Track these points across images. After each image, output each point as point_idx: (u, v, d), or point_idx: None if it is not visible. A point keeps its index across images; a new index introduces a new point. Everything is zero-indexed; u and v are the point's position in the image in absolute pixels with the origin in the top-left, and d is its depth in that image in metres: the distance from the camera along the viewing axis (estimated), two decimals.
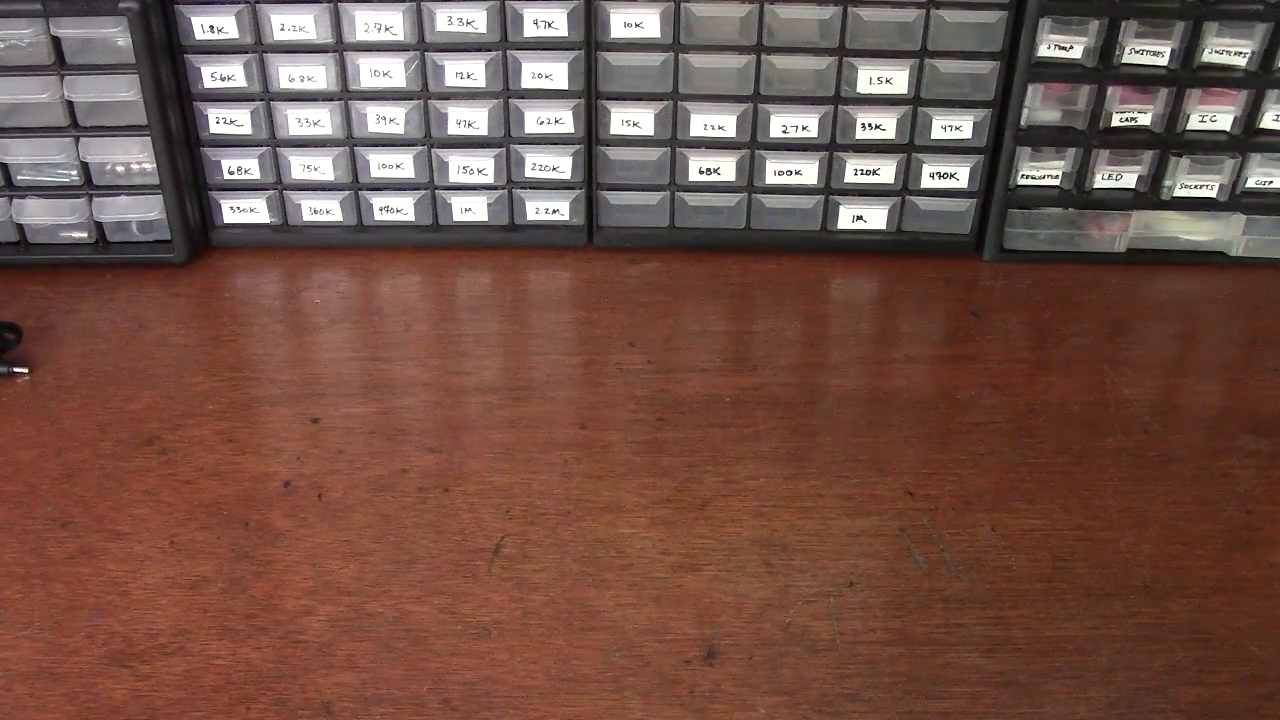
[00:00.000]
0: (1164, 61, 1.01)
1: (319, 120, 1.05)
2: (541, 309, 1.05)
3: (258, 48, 1.03)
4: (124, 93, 1.00)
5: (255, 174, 1.08)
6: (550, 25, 1.01)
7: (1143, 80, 1.02)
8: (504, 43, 1.02)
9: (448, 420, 0.91)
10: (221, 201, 1.09)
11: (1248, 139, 1.04)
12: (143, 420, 0.91)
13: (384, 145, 1.07)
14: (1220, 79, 1.02)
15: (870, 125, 1.05)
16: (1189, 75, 1.02)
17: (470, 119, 1.05)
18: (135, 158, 1.04)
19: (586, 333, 1.01)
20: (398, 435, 0.90)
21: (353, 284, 1.07)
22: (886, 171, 1.07)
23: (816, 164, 1.07)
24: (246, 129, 1.06)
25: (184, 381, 0.95)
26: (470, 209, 1.10)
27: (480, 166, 1.08)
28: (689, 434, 0.90)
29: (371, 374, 0.96)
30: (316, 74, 1.03)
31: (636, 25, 1.01)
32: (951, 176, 1.07)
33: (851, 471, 0.87)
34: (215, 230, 1.10)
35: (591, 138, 1.06)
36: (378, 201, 1.09)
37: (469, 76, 1.03)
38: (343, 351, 0.99)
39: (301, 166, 1.08)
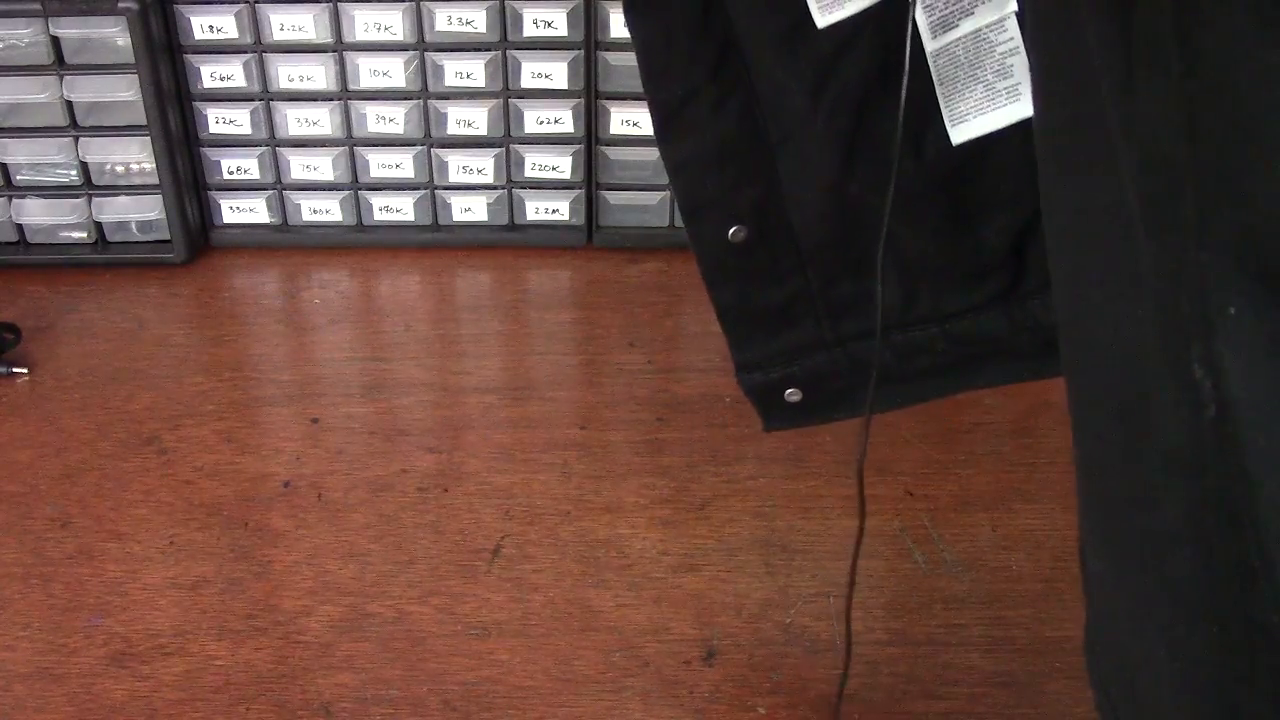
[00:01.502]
0: None
1: (319, 120, 1.05)
2: (541, 309, 1.05)
3: (257, 48, 1.02)
4: (123, 93, 1.00)
5: (255, 174, 1.08)
6: (550, 25, 1.01)
7: None
8: (504, 42, 1.02)
9: (448, 420, 0.91)
10: (221, 201, 1.09)
11: None
12: (142, 420, 0.91)
13: (384, 145, 1.07)
14: None
15: None
16: None
17: (470, 119, 1.05)
18: (135, 158, 1.04)
19: (586, 333, 1.01)
20: (398, 435, 0.90)
21: (353, 284, 1.07)
22: None
23: None
24: (246, 129, 1.06)
25: (183, 381, 0.95)
26: (470, 209, 1.10)
27: (480, 166, 1.07)
28: (689, 434, 0.90)
29: (371, 374, 0.96)
30: (316, 74, 1.03)
31: None
32: None
33: (851, 471, 0.87)
34: (215, 230, 1.10)
35: (591, 137, 1.06)
36: (377, 201, 1.09)
37: (469, 76, 1.03)
38: (343, 351, 0.99)
39: (301, 166, 1.08)
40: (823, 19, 0.54)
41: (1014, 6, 0.52)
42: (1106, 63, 0.34)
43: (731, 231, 0.59)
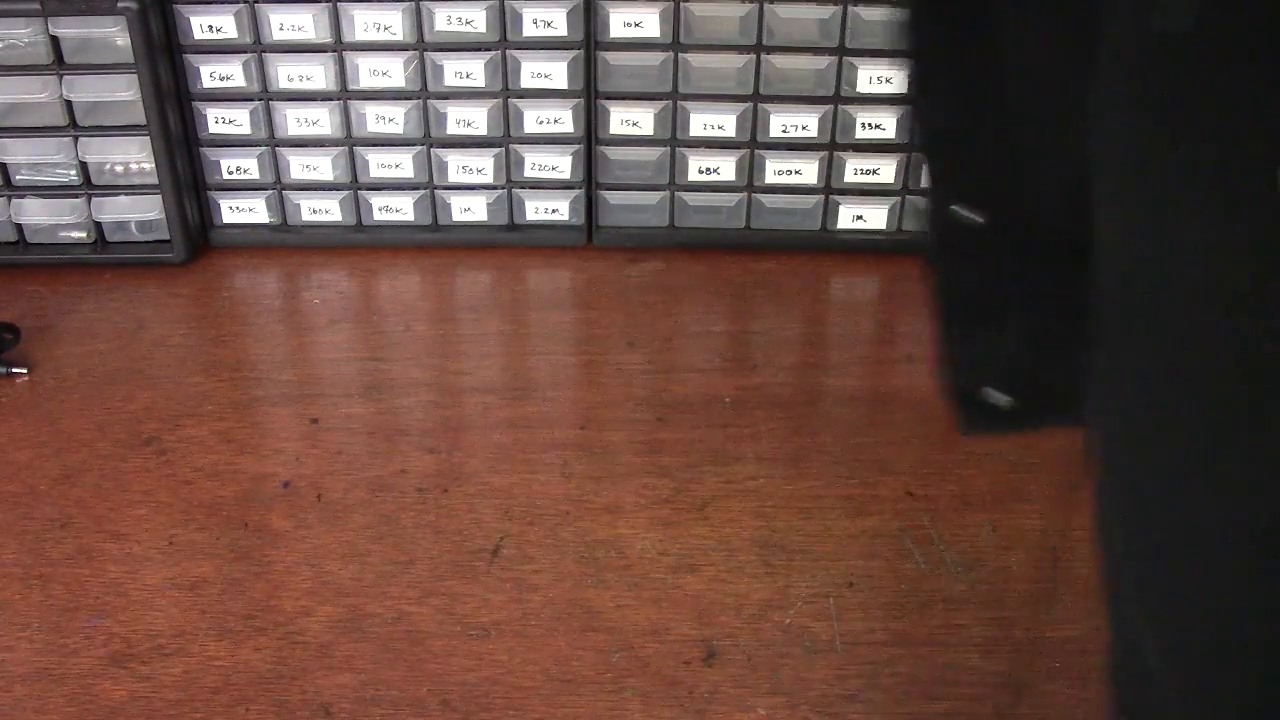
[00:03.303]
0: None
1: (318, 120, 1.05)
2: (541, 309, 1.05)
3: (257, 47, 1.02)
4: (123, 92, 1.00)
5: (254, 174, 1.08)
6: (550, 25, 1.01)
7: None
8: (503, 42, 1.02)
9: (447, 420, 0.91)
10: (221, 201, 1.09)
11: None
12: (141, 420, 0.91)
13: (383, 145, 1.07)
14: None
15: (870, 125, 1.05)
16: None
17: (470, 119, 1.05)
18: (134, 157, 1.04)
19: (586, 333, 1.01)
20: (397, 435, 0.90)
21: (352, 284, 1.07)
22: (886, 171, 1.07)
23: (816, 163, 1.07)
24: (245, 129, 1.06)
25: (183, 381, 0.95)
26: (470, 209, 1.10)
27: (480, 166, 1.07)
28: (689, 434, 0.90)
29: (371, 374, 0.96)
30: (316, 74, 1.03)
31: (636, 25, 1.01)
32: None
33: (851, 472, 0.86)
34: (214, 230, 1.10)
35: (591, 137, 1.06)
36: (377, 201, 1.09)
37: (468, 76, 1.03)
38: (342, 351, 0.99)
39: (301, 166, 1.07)
40: None
41: None
42: None
43: (955, 209, 0.54)
